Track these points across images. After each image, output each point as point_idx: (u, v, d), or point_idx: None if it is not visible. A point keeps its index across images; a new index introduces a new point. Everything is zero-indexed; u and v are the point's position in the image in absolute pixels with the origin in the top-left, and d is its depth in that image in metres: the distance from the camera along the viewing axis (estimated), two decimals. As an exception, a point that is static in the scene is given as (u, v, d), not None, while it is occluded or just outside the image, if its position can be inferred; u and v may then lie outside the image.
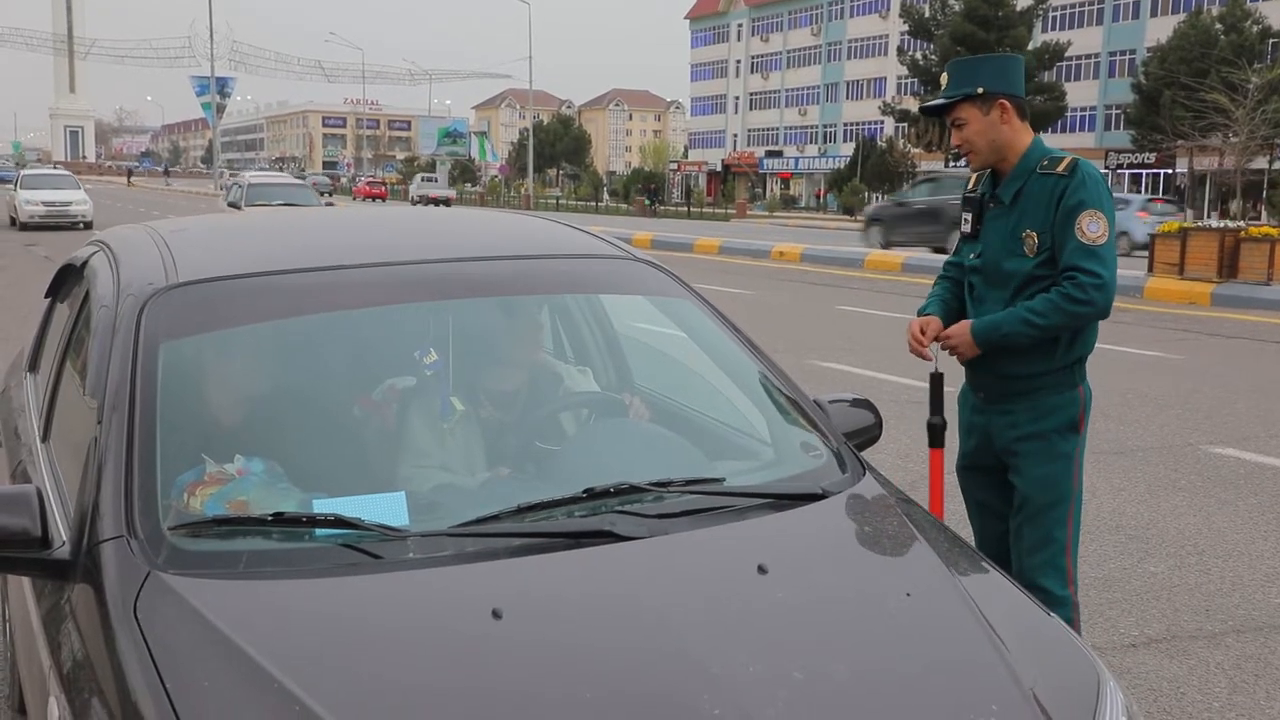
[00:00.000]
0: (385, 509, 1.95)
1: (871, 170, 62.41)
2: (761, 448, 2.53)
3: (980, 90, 2.94)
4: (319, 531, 1.88)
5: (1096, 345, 3.06)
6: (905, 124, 58.13)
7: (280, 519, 1.90)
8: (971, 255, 3.09)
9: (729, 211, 51.53)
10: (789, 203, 72.54)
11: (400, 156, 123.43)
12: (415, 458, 2.30)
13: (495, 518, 1.95)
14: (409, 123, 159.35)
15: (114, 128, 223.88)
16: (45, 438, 2.65)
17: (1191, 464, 6.47)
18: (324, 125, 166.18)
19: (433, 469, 2.26)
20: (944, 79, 3.04)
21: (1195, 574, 4.68)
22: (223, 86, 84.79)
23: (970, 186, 3.16)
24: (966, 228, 3.13)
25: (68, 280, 3.24)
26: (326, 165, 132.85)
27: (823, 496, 2.17)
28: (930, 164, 62.21)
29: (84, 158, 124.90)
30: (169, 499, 1.96)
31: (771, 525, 2.07)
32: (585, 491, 2.04)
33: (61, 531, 1.98)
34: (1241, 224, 17.98)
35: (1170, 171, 47.55)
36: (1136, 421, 7.50)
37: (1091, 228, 2.83)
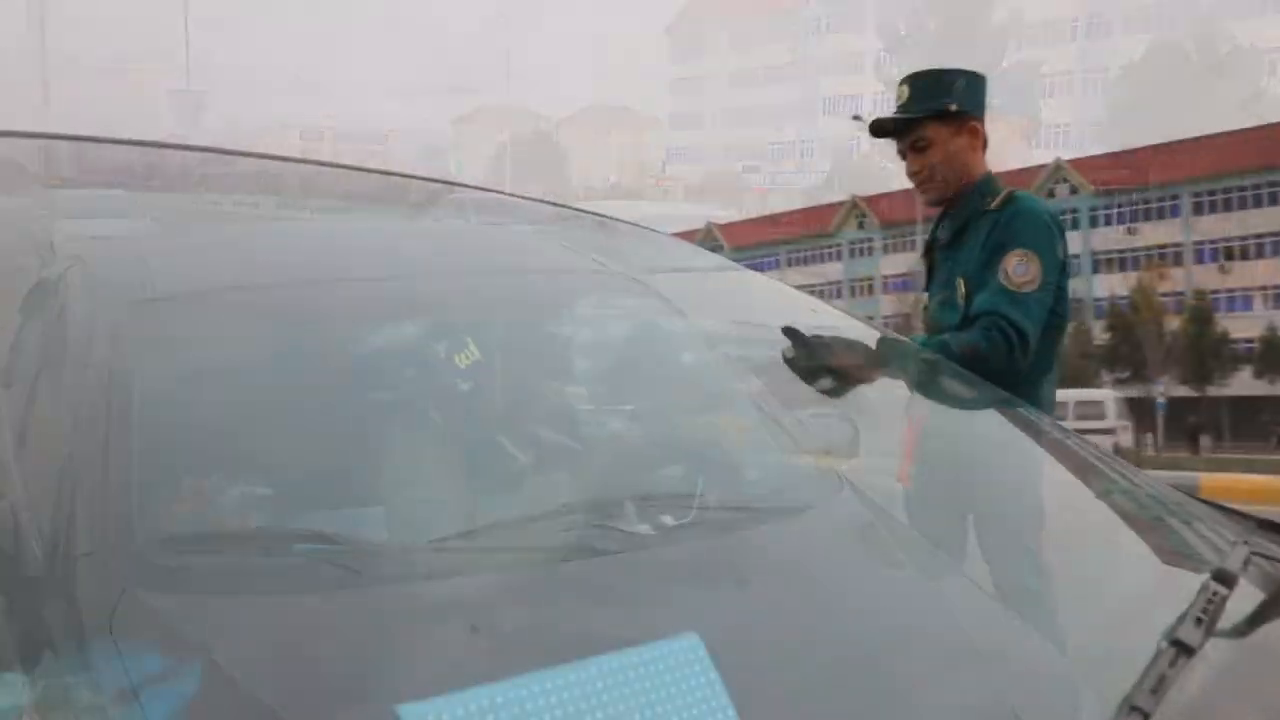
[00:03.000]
0: (365, 524, 1.94)
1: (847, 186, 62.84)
2: (741, 461, 2.53)
3: (953, 108, 2.58)
4: (297, 547, 1.87)
5: None
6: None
7: (258, 535, 1.88)
8: (925, 306, 2.79)
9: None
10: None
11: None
12: (396, 473, 2.28)
13: (474, 532, 1.94)
14: (385, 137, 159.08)
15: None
16: (17, 452, 2.61)
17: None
18: (300, 139, 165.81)
19: (413, 484, 2.24)
20: (903, 92, 2.64)
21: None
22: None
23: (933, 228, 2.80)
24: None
25: (41, 291, 3.20)
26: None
27: (802, 510, 2.17)
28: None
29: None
30: (144, 516, 1.93)
31: (751, 539, 2.06)
32: (565, 506, 2.03)
33: (34, 549, 1.95)
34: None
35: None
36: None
37: (1018, 270, 2.47)
